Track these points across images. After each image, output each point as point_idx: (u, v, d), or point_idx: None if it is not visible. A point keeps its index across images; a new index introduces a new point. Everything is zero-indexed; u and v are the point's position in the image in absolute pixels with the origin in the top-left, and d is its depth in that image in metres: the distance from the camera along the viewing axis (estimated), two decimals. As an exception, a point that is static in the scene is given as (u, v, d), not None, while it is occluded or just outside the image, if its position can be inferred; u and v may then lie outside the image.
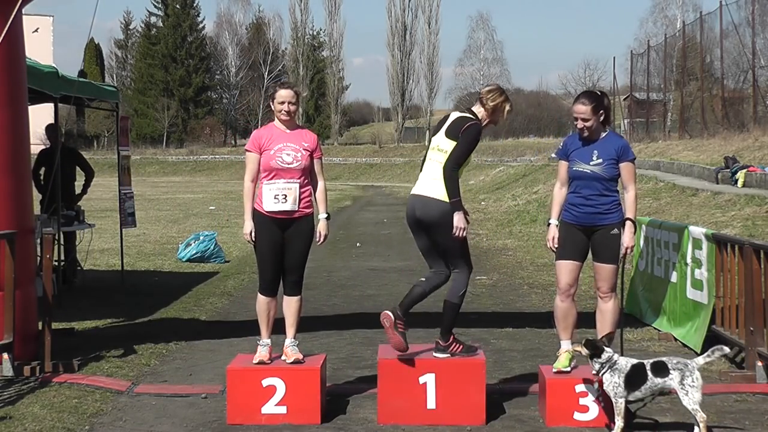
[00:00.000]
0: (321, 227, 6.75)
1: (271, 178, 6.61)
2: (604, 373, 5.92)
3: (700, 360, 5.84)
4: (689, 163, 23.35)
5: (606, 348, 5.98)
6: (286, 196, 6.59)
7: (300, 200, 6.63)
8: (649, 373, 5.82)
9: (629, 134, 38.23)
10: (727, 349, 6.04)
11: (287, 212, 6.61)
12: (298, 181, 6.62)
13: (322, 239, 6.76)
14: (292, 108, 6.69)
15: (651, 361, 5.93)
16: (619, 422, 5.84)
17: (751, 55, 26.65)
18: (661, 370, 5.80)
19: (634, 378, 5.85)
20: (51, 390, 7.10)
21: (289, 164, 6.60)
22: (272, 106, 6.78)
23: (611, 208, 6.50)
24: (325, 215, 6.79)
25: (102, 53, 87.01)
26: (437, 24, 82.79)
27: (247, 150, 6.78)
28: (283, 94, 6.70)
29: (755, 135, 23.36)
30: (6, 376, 7.47)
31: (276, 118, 6.77)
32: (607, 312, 6.60)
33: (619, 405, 5.86)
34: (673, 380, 5.73)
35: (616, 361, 5.92)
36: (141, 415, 6.58)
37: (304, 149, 6.66)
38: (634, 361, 5.97)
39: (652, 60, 38.48)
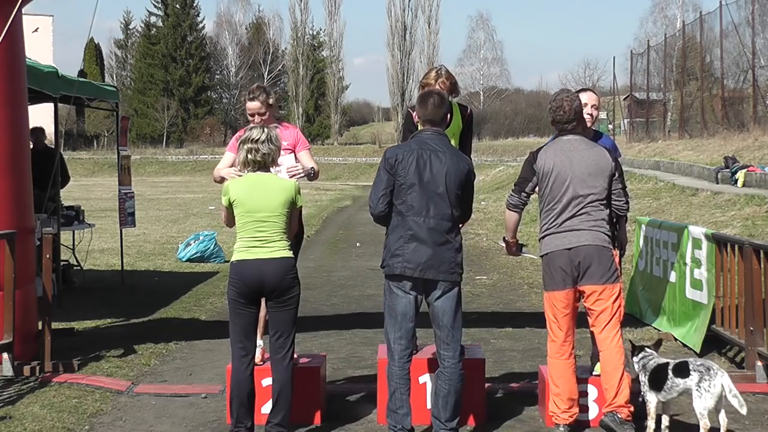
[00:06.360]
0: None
1: None
2: (640, 371, 5.96)
3: None
4: (689, 163, 23.35)
5: (647, 348, 6.03)
6: None
7: None
8: (671, 372, 5.80)
9: (629, 134, 38.22)
10: None
11: None
12: None
13: (298, 170, 6.60)
14: (263, 117, 6.61)
15: (675, 361, 5.93)
16: (649, 423, 5.86)
17: (751, 54, 26.62)
18: (682, 370, 5.77)
19: (657, 378, 5.85)
20: (51, 390, 7.09)
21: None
22: None
23: None
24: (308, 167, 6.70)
25: (102, 53, 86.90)
26: (437, 24, 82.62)
27: (228, 150, 6.73)
28: (250, 106, 6.64)
29: (755, 135, 23.35)
30: (6, 376, 7.47)
31: None
32: None
33: (649, 405, 5.87)
34: (691, 381, 5.70)
35: (648, 361, 5.96)
36: (141, 415, 6.58)
37: (284, 151, 6.53)
38: (662, 360, 5.97)
39: (652, 60, 38.46)
